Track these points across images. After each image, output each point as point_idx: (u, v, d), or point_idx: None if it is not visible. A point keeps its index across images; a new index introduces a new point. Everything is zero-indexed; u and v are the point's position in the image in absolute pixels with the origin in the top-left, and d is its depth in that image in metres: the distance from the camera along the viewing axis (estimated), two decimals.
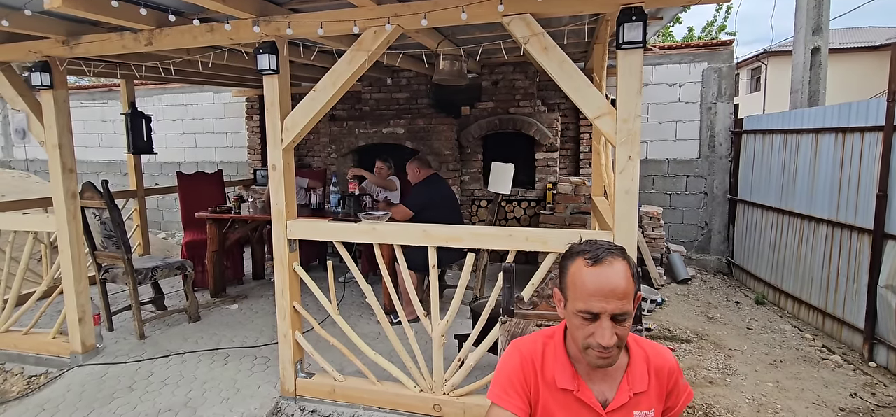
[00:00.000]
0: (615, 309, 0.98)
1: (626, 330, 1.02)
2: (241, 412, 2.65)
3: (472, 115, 5.58)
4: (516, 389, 1.11)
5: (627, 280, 1.01)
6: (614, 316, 0.99)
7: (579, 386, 1.09)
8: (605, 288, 0.99)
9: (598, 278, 1.00)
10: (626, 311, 0.99)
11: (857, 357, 3.65)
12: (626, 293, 1.00)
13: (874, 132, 3.60)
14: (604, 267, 1.01)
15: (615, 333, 0.99)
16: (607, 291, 0.99)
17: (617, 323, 1.00)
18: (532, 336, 1.20)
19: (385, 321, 2.55)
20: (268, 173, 2.50)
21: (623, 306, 0.99)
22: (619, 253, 1.04)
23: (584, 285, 1.01)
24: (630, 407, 1.10)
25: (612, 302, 0.98)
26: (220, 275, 4.41)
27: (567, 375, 1.10)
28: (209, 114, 7.39)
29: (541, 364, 1.12)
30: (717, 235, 6.07)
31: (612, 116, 2.01)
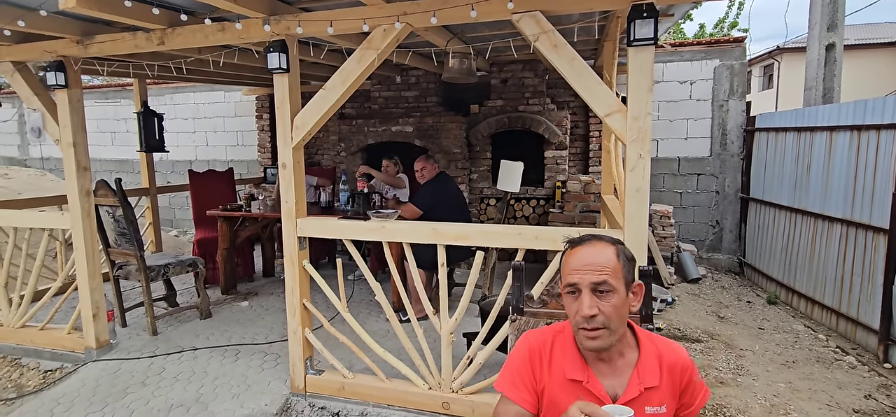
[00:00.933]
0: (593, 279, 1.04)
1: (610, 307, 1.04)
2: (251, 408, 2.68)
3: (481, 113, 5.57)
4: (524, 381, 1.14)
5: (607, 256, 1.07)
6: (594, 288, 1.04)
7: (589, 378, 1.10)
8: (583, 261, 1.07)
9: (578, 255, 1.09)
10: (604, 280, 1.04)
11: (871, 358, 3.59)
12: (603, 265, 1.05)
13: (890, 130, 3.53)
14: (585, 246, 1.10)
15: (598, 307, 1.04)
16: (585, 264, 1.06)
17: (599, 296, 1.04)
18: (542, 329, 1.22)
19: (394, 318, 2.56)
20: (277, 171, 2.52)
21: (600, 275, 1.04)
22: (607, 239, 1.11)
23: (568, 265, 1.10)
24: (641, 402, 1.08)
25: (589, 273, 1.05)
26: (230, 273, 4.45)
27: (577, 366, 1.11)
28: (220, 112, 7.46)
29: (549, 357, 1.15)
30: (728, 234, 6.00)
31: (622, 114, 2.00)
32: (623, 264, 1.08)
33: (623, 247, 1.11)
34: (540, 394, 1.14)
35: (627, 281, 1.08)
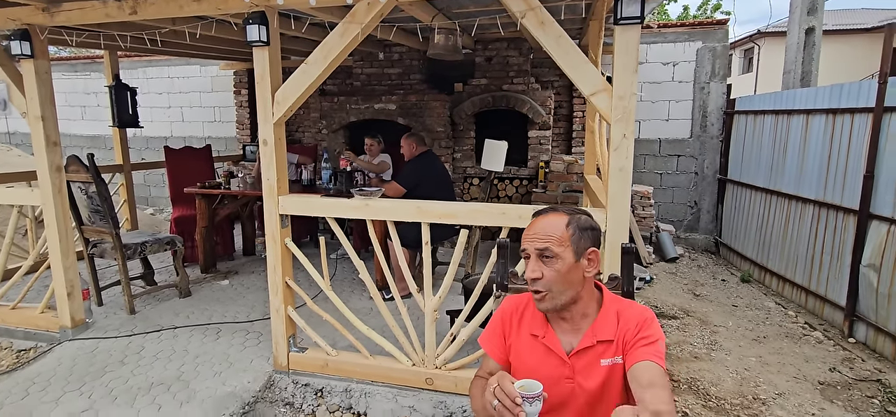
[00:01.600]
0: (538, 245, 1.15)
1: (552, 272, 1.14)
2: (234, 385, 2.66)
3: (465, 92, 5.52)
4: (497, 334, 1.29)
5: (556, 226, 1.16)
6: (540, 254, 1.15)
7: (546, 333, 1.22)
8: (534, 230, 1.18)
9: (533, 225, 1.20)
10: (546, 248, 1.14)
11: (837, 333, 3.76)
12: (549, 235, 1.15)
13: (864, 113, 3.63)
14: (541, 217, 1.20)
15: (541, 271, 1.14)
16: (531, 233, 1.17)
17: (543, 261, 1.15)
18: (521, 294, 1.35)
19: (378, 296, 2.56)
20: (257, 148, 2.46)
21: (542, 244, 1.14)
22: (565, 211, 1.21)
23: (525, 233, 1.21)
24: (595, 354, 1.17)
25: (535, 240, 1.15)
26: (210, 251, 4.38)
27: (538, 324, 1.24)
28: (196, 87, 7.24)
29: (520, 316, 1.28)
30: (705, 214, 6.14)
31: (608, 93, 2.00)
32: (573, 232, 1.17)
33: (579, 218, 1.19)
34: (509, 346, 1.27)
35: (578, 249, 1.16)
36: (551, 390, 1.16)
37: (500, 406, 0.99)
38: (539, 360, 1.20)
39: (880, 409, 2.78)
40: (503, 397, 0.99)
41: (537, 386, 1.03)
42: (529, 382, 1.05)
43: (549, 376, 1.17)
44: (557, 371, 1.17)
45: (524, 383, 1.04)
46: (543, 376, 1.16)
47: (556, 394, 1.16)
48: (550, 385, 1.16)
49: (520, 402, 0.98)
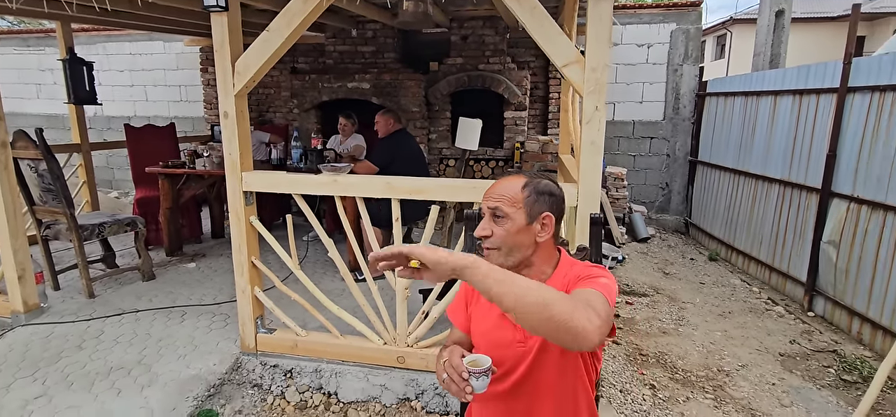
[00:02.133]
0: (491, 204, 1.17)
1: (502, 231, 1.15)
2: (199, 368, 2.58)
3: (441, 71, 5.44)
4: (459, 304, 1.32)
5: (511, 187, 1.17)
6: (492, 213, 1.17)
7: None
8: (488, 192, 1.20)
9: (489, 188, 1.21)
10: (497, 208, 1.16)
11: (797, 307, 3.89)
12: (502, 195, 1.17)
13: (829, 94, 3.72)
14: (501, 180, 1.21)
15: (492, 229, 1.16)
16: (489, 193, 1.19)
17: (495, 220, 1.16)
18: None
19: (349, 276, 2.50)
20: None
21: (494, 203, 1.16)
22: (523, 174, 1.22)
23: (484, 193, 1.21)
24: None
25: (489, 200, 1.18)
26: (175, 233, 4.22)
27: None
28: (160, 64, 6.93)
29: None
30: (676, 196, 6.26)
31: (580, 65, 1.97)
32: (528, 195, 1.17)
33: (537, 183, 1.19)
34: (470, 317, 1.29)
35: (532, 213, 1.16)
36: (504, 352, 1.18)
37: (448, 380, 1.02)
38: (493, 325, 1.21)
39: (835, 377, 2.90)
40: (451, 372, 1.02)
41: (485, 361, 1.05)
42: (479, 357, 1.06)
43: (502, 339, 1.19)
44: (510, 336, 1.18)
45: (473, 358, 1.06)
46: (496, 339, 1.20)
47: (509, 357, 1.18)
48: (503, 347, 1.19)
49: (466, 377, 1.00)
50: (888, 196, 3.17)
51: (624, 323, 3.54)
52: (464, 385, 1.00)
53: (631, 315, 3.68)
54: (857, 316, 3.36)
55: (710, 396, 2.69)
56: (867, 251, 3.31)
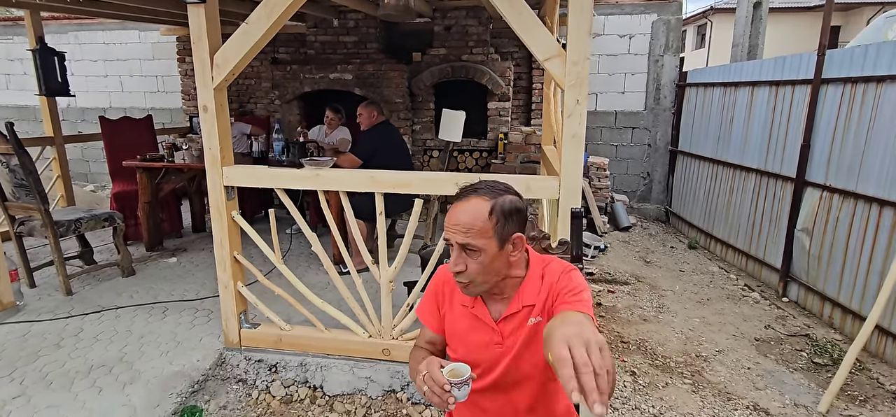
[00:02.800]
0: (459, 240, 1.09)
1: (476, 264, 1.09)
2: (182, 364, 2.56)
3: (424, 62, 5.41)
4: (430, 305, 1.30)
5: (478, 213, 1.08)
6: (462, 248, 1.10)
7: (475, 304, 1.21)
8: (452, 220, 1.11)
9: (452, 212, 1.12)
10: (467, 243, 1.08)
11: (772, 293, 4.01)
12: (469, 227, 1.08)
13: (804, 85, 3.81)
14: (461, 202, 1.12)
15: (465, 263, 1.10)
16: (453, 224, 1.10)
17: (467, 254, 1.10)
18: None
19: (332, 270, 2.49)
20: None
21: (465, 238, 1.08)
22: (485, 191, 1.12)
23: (447, 218, 1.14)
24: (521, 317, 1.18)
25: (457, 234, 1.09)
26: (154, 228, 4.15)
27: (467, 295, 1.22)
28: (135, 54, 6.74)
29: (452, 285, 1.26)
30: (657, 185, 6.36)
31: (561, 59, 1.98)
32: (496, 220, 1.09)
33: (503, 202, 1.11)
34: (443, 316, 1.27)
35: (503, 237, 1.10)
36: (481, 354, 1.19)
37: (430, 393, 1.00)
38: (469, 327, 1.21)
39: (807, 361, 3.01)
40: (432, 384, 1.00)
41: (465, 370, 1.04)
42: (457, 366, 1.05)
43: (480, 342, 1.19)
44: (487, 337, 1.18)
45: (452, 368, 1.04)
46: (474, 342, 1.20)
47: (486, 359, 1.19)
48: (480, 349, 1.20)
49: (448, 389, 0.99)
50: (858, 185, 3.28)
51: (606, 311, 3.61)
52: (446, 397, 0.99)
53: (612, 303, 3.75)
54: (829, 301, 3.48)
55: (688, 381, 2.77)
56: (838, 238, 3.42)
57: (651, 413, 2.49)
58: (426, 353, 1.26)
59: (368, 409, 2.46)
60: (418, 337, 1.33)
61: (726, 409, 2.53)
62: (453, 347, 1.25)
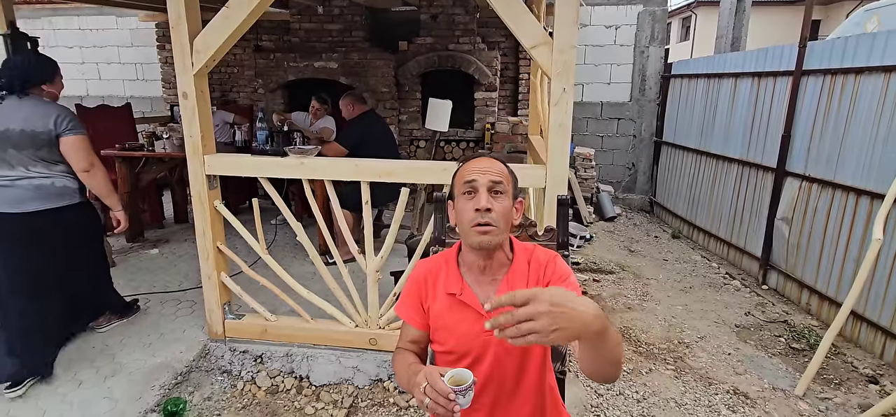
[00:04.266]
0: (490, 178, 1.15)
1: (502, 207, 1.15)
2: (165, 356, 2.52)
3: (411, 51, 5.36)
4: (412, 300, 1.27)
5: (501, 167, 1.19)
6: (491, 187, 1.14)
7: (463, 290, 1.20)
8: (481, 166, 1.18)
9: (474, 163, 1.20)
10: (500, 182, 1.15)
11: (753, 281, 4.10)
12: (499, 172, 1.17)
13: (785, 76, 3.87)
14: (480, 158, 1.21)
15: (491, 203, 1.13)
16: (482, 168, 1.17)
17: (493, 196, 1.14)
18: (436, 255, 1.32)
19: (318, 260, 2.47)
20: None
21: (496, 177, 1.15)
22: (497, 157, 1.23)
23: (465, 170, 1.19)
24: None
25: (487, 174, 1.15)
26: (135, 219, 4.06)
27: (454, 282, 1.21)
28: (113, 41, 6.56)
29: (435, 278, 1.25)
30: (642, 175, 6.43)
31: (548, 47, 1.98)
32: (512, 178, 1.21)
33: (510, 168, 1.23)
34: (427, 310, 1.25)
35: (514, 194, 1.21)
36: (471, 343, 1.18)
37: (434, 405, 0.96)
38: (458, 317, 1.19)
39: (785, 346, 3.08)
40: (436, 396, 0.95)
41: (468, 376, 0.99)
42: (458, 372, 1.00)
43: (469, 331, 1.17)
44: (476, 325, 1.17)
45: (453, 374, 0.99)
46: (463, 331, 1.18)
47: (475, 347, 1.18)
48: (470, 339, 1.18)
49: (453, 398, 0.95)
50: (836, 174, 3.35)
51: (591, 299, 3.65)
52: (451, 406, 0.94)
53: (598, 292, 3.79)
54: (807, 288, 3.57)
55: (671, 367, 2.82)
56: (816, 227, 3.50)
57: (635, 399, 2.53)
58: (412, 356, 1.22)
59: (355, 399, 2.46)
60: (399, 339, 1.29)
61: (707, 394, 2.58)
62: (441, 339, 1.22)
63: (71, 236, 2.36)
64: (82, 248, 2.48)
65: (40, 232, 2.23)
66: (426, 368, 1.03)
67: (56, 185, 2.25)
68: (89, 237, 2.52)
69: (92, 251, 2.58)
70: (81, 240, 2.46)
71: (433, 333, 1.24)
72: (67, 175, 2.30)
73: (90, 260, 2.57)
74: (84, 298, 2.59)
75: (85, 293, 2.57)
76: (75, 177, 2.33)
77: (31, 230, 2.20)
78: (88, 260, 2.55)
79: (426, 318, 1.24)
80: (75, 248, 2.42)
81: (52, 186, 2.24)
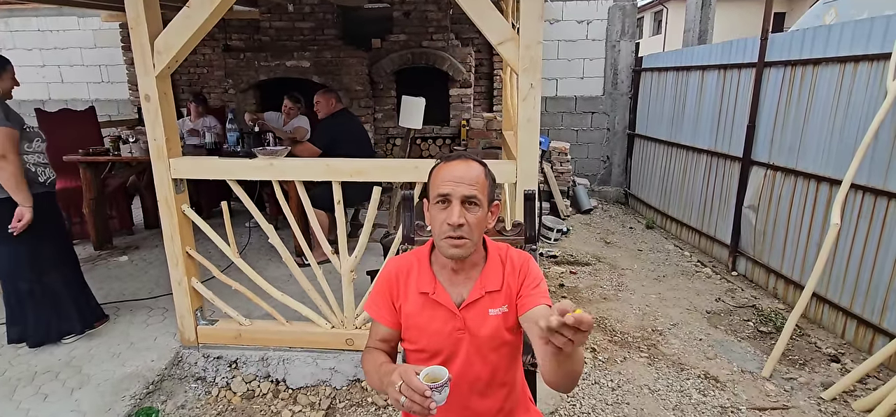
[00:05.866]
0: (464, 192, 1.11)
1: (475, 218, 1.12)
2: (136, 365, 2.46)
3: (384, 49, 5.33)
4: (383, 299, 1.25)
5: (478, 174, 1.15)
6: (464, 200, 1.11)
7: (436, 289, 1.19)
8: (455, 175, 1.13)
9: (449, 169, 1.14)
10: (473, 196, 1.12)
11: (723, 268, 4.21)
12: (474, 180, 1.13)
13: (749, 68, 3.98)
14: (457, 162, 1.15)
15: (465, 216, 1.11)
16: (457, 177, 1.12)
17: (466, 208, 1.12)
18: (407, 253, 1.31)
19: (291, 261, 2.44)
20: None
21: (471, 191, 1.11)
22: (475, 159, 1.18)
23: (439, 176, 1.15)
24: (483, 305, 1.18)
25: (461, 186, 1.11)
26: (102, 226, 3.94)
27: (426, 281, 1.21)
28: (75, 42, 6.34)
29: (406, 276, 1.24)
30: (616, 168, 6.54)
31: (515, 43, 1.99)
32: (488, 183, 1.17)
33: (487, 168, 1.19)
34: (398, 309, 1.23)
35: (489, 199, 1.17)
36: (443, 342, 1.18)
37: (410, 403, 0.95)
38: (430, 315, 1.19)
39: (753, 330, 3.19)
40: (412, 394, 0.94)
41: (443, 373, 0.99)
42: (433, 370, 1.00)
43: (441, 329, 1.18)
44: (449, 325, 1.17)
45: (428, 372, 0.99)
46: (435, 329, 1.18)
47: (447, 345, 1.18)
48: (442, 338, 1.18)
49: (429, 395, 0.94)
50: (798, 162, 3.47)
51: (568, 291, 3.70)
52: (427, 404, 0.94)
53: (574, 283, 3.85)
54: (773, 273, 3.70)
55: (645, 354, 2.88)
56: (781, 213, 3.62)
57: (610, 387, 2.58)
58: (383, 356, 1.21)
59: (333, 400, 2.44)
60: (369, 338, 1.28)
61: (679, 379, 2.65)
62: (412, 338, 1.21)
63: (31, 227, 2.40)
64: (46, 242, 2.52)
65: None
66: (400, 366, 1.01)
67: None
68: (51, 232, 2.54)
69: (57, 247, 2.60)
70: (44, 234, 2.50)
71: (405, 332, 1.23)
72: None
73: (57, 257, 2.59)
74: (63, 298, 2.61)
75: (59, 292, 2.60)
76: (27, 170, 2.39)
77: None
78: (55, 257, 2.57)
79: (397, 317, 1.23)
80: (39, 242, 2.47)
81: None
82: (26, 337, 2.58)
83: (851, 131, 3.04)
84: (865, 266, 2.92)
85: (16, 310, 2.56)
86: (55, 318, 2.61)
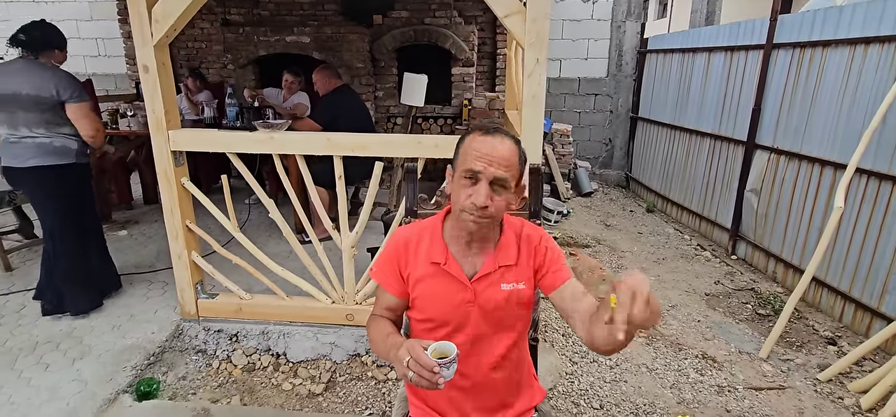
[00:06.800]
0: (495, 173, 1.06)
1: (501, 201, 1.09)
2: (136, 337, 2.47)
3: (386, 25, 5.25)
4: (390, 266, 1.22)
5: (512, 155, 1.09)
6: (493, 182, 1.06)
7: (447, 260, 1.18)
8: (490, 152, 1.06)
9: (484, 143, 1.08)
10: (504, 179, 1.07)
11: (722, 252, 4.22)
12: (508, 163, 1.07)
13: (756, 50, 3.92)
14: (493, 137, 1.09)
15: (491, 197, 1.06)
16: (491, 155, 1.06)
17: (494, 189, 1.07)
18: (416, 222, 1.28)
19: (292, 237, 2.43)
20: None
21: (502, 172, 1.06)
22: (512, 137, 1.12)
23: (472, 148, 1.08)
24: (495, 279, 1.17)
25: (493, 166, 1.06)
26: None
27: (438, 251, 1.19)
28: (70, 14, 6.23)
29: (416, 246, 1.22)
30: (618, 151, 6.51)
31: (521, 16, 1.95)
32: (520, 164, 1.12)
33: (522, 148, 1.15)
34: (406, 278, 1.21)
35: (518, 180, 1.13)
36: (451, 314, 1.17)
37: (418, 378, 0.96)
38: (441, 286, 1.17)
39: (752, 312, 3.20)
40: (420, 369, 0.95)
41: (452, 349, 1.00)
42: (442, 345, 1.01)
43: (452, 300, 1.17)
44: (459, 296, 1.16)
45: (436, 347, 1.00)
46: (446, 300, 1.17)
47: (455, 318, 1.17)
48: (452, 308, 1.17)
49: (437, 371, 0.95)
50: (803, 146, 3.44)
51: None
52: (436, 379, 0.95)
53: (575, 266, 3.85)
54: (773, 257, 3.70)
55: (643, 335, 2.89)
56: (783, 198, 3.61)
57: (608, 366, 2.60)
58: (389, 325, 1.20)
59: (333, 373, 2.46)
60: (375, 306, 1.27)
61: (677, 359, 2.67)
62: (421, 307, 1.20)
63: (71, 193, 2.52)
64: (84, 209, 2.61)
65: (46, 184, 2.45)
66: (408, 342, 1.01)
67: (54, 145, 2.42)
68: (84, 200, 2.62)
69: (90, 216, 2.69)
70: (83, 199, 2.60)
71: (413, 301, 1.22)
72: (70, 136, 2.47)
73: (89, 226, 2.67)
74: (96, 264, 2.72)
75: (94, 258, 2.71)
76: (77, 139, 2.50)
77: (38, 182, 2.43)
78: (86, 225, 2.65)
79: (404, 286, 1.21)
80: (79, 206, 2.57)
81: (50, 145, 2.41)
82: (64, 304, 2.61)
83: (859, 115, 3.01)
84: (866, 250, 2.92)
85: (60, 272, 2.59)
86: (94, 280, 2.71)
